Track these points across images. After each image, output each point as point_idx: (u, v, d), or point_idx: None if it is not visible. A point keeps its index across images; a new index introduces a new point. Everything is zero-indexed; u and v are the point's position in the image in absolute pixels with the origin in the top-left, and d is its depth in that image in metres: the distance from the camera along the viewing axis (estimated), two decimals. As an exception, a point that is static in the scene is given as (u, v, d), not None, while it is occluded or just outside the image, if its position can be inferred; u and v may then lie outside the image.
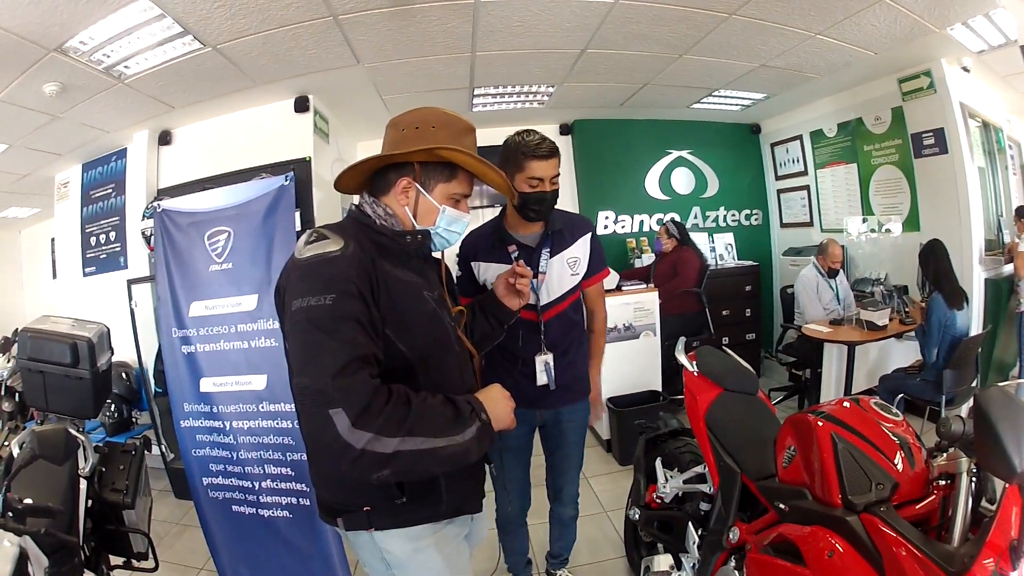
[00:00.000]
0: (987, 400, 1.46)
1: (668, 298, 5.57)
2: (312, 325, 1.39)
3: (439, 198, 1.71)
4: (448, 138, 1.66)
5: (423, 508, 1.65)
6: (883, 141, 6.23)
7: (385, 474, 1.35)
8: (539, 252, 2.62)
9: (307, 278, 1.46)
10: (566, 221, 2.72)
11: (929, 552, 1.49)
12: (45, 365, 2.66)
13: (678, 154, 7.83)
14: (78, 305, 5.75)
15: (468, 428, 1.47)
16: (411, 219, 1.71)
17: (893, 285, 5.89)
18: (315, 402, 1.33)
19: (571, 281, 2.69)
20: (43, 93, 4.03)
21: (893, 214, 6.22)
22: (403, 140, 1.67)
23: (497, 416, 1.57)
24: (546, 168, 2.45)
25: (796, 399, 6.15)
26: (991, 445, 1.42)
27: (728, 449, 2.50)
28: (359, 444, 1.30)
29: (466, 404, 1.51)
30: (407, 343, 1.56)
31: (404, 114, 1.74)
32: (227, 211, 3.53)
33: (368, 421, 1.31)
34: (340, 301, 1.40)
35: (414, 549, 1.66)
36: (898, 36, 4.68)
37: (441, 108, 1.74)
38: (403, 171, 1.68)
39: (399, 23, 3.87)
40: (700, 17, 4.18)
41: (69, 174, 6.08)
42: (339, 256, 1.47)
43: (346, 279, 1.44)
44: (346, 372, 1.33)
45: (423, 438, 1.38)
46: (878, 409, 2.00)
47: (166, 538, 4.19)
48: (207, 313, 3.44)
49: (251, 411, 3.33)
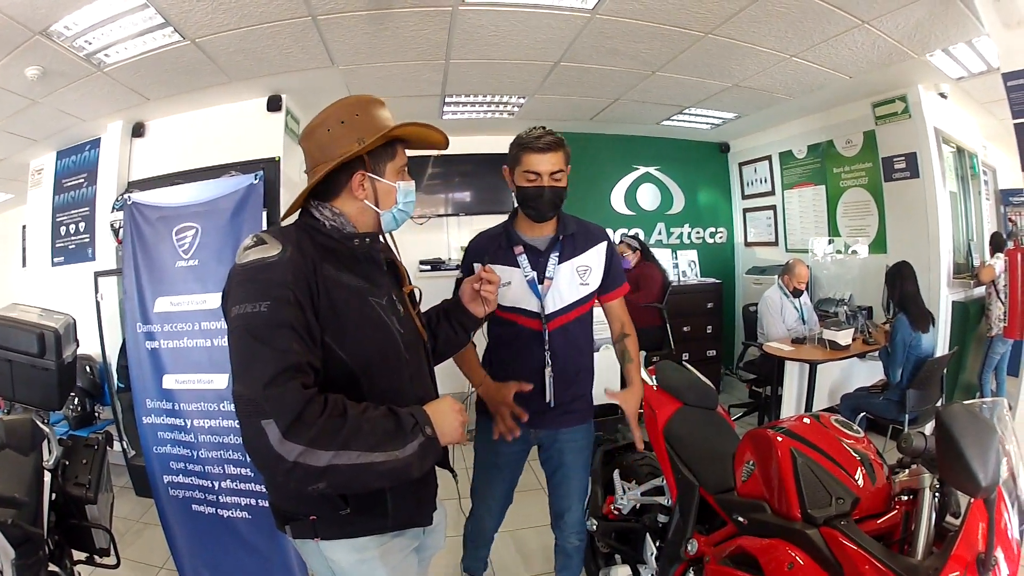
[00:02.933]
0: (950, 416, 1.45)
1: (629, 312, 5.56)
2: (247, 333, 1.36)
3: (391, 177, 1.69)
4: (375, 119, 1.64)
5: (368, 520, 1.61)
6: (853, 164, 6.31)
7: (321, 487, 1.33)
8: (547, 256, 2.49)
9: (244, 284, 1.43)
10: (581, 227, 2.57)
11: (892, 565, 1.50)
12: (12, 354, 2.62)
13: (645, 170, 7.94)
14: (45, 295, 5.64)
15: (409, 443, 1.42)
16: (374, 209, 1.67)
17: (857, 306, 5.95)
18: (248, 412, 1.30)
19: (580, 291, 2.54)
20: (25, 76, 4.00)
21: (860, 236, 6.31)
22: (333, 140, 1.61)
23: (444, 430, 1.52)
24: (543, 162, 2.33)
25: (756, 416, 6.19)
26: (955, 461, 1.40)
27: (686, 462, 2.51)
28: (290, 456, 1.28)
29: (409, 417, 1.46)
30: (349, 351, 1.52)
31: (315, 120, 1.67)
32: (195, 207, 3.51)
33: (299, 433, 1.28)
34: (275, 308, 1.38)
35: (359, 560, 1.62)
36: (875, 61, 4.75)
37: (342, 99, 1.69)
38: (352, 168, 1.63)
39: (376, 27, 3.89)
40: (675, 35, 4.23)
41: (44, 161, 6.00)
42: (276, 261, 1.44)
43: (282, 285, 1.41)
44: (277, 382, 1.30)
45: (358, 452, 1.34)
46: (838, 426, 2.01)
47: (127, 535, 4.13)
48: (172, 309, 3.41)
49: (212, 410, 3.30)
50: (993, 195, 7.18)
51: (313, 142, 1.66)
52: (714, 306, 7.53)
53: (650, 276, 6.12)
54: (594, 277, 2.57)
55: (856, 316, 5.56)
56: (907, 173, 5.64)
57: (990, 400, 1.71)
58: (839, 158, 6.47)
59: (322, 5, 3.54)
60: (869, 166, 6.10)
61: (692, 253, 8.00)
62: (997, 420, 1.58)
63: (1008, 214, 7.27)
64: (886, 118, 5.72)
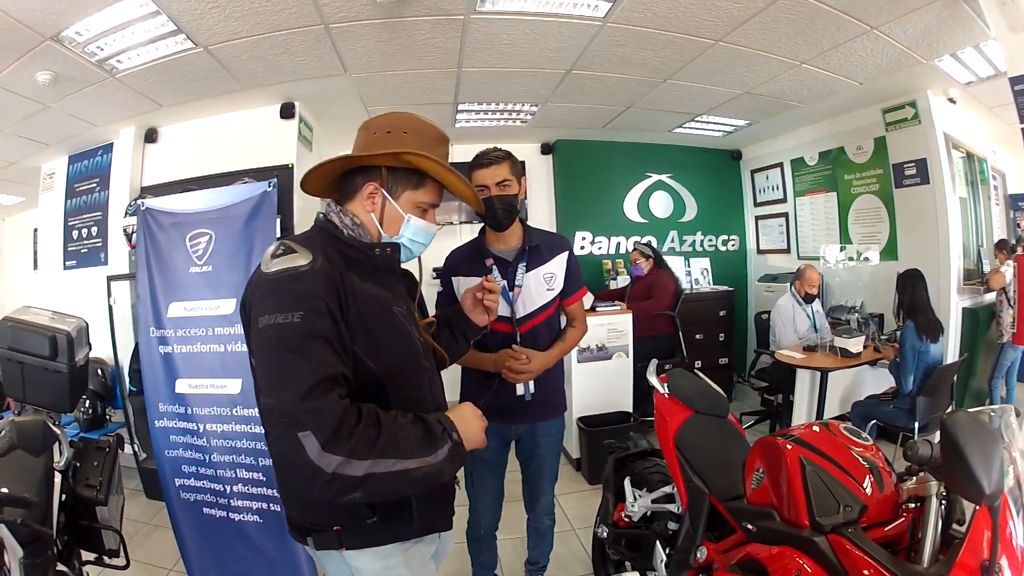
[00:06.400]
0: (954, 425, 1.45)
1: (642, 320, 5.59)
2: (280, 344, 1.34)
3: (405, 206, 1.65)
4: (419, 145, 1.61)
5: (394, 527, 1.60)
6: (864, 170, 6.30)
7: (356, 496, 1.32)
8: (516, 266, 2.66)
9: (274, 294, 1.41)
10: (543, 238, 2.77)
11: (898, 572, 1.50)
12: (24, 356, 2.64)
13: (658, 177, 7.92)
14: (57, 298, 5.68)
15: (440, 448, 1.43)
16: (377, 226, 1.65)
17: (869, 313, 5.94)
18: (283, 425, 1.29)
19: (547, 296, 2.71)
20: (36, 81, 4.03)
21: (871, 243, 6.28)
22: (373, 143, 1.62)
23: (468, 435, 1.53)
24: (486, 175, 2.51)
25: (768, 424, 6.17)
26: (960, 469, 1.42)
27: (697, 470, 2.52)
28: (330, 468, 1.27)
29: (437, 424, 1.47)
30: (376, 360, 1.51)
31: (378, 117, 1.69)
32: (209, 214, 3.55)
33: (338, 444, 1.27)
34: (308, 319, 1.36)
35: (384, 567, 1.62)
36: (884, 67, 4.75)
37: (417, 115, 1.69)
38: (370, 176, 1.63)
39: (389, 35, 3.90)
40: (686, 43, 4.24)
41: (55, 165, 6.06)
42: (307, 271, 1.42)
43: (314, 295, 1.39)
44: (315, 394, 1.29)
45: (395, 460, 1.34)
46: (847, 434, 2.02)
47: (136, 537, 4.15)
48: (185, 314, 3.45)
49: (225, 415, 3.34)
50: (1003, 200, 7.17)
51: (360, 138, 1.69)
52: (726, 314, 7.50)
53: (663, 284, 6.12)
54: (558, 283, 2.76)
55: (867, 323, 5.55)
56: (917, 179, 5.63)
57: (998, 407, 1.71)
58: (850, 165, 6.46)
59: (334, 13, 3.55)
60: (880, 172, 6.09)
61: (704, 261, 7.99)
62: (1005, 427, 1.58)
63: (1017, 219, 7.27)
64: (896, 124, 5.71)
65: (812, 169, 7.12)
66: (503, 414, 2.66)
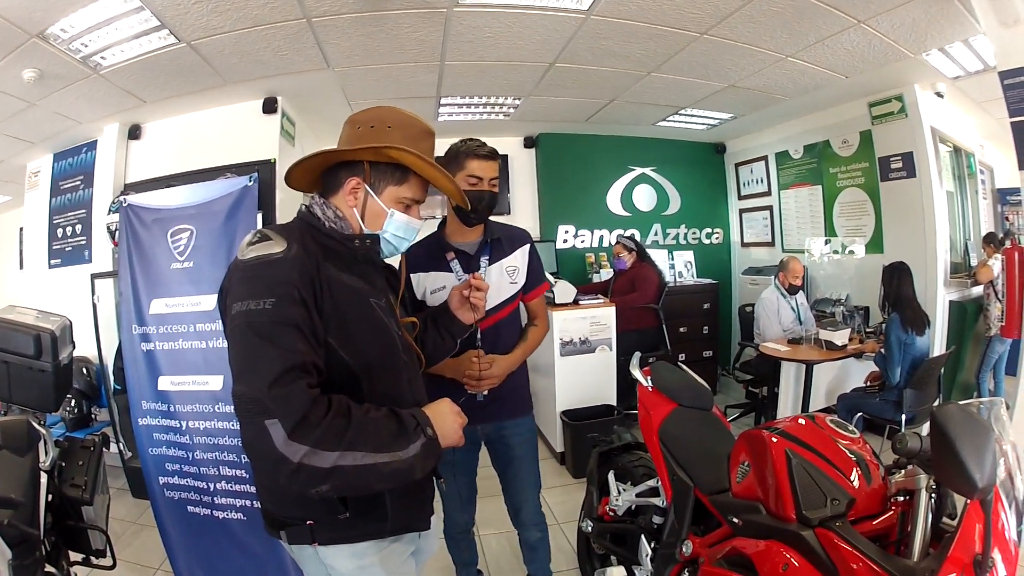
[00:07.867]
0: (945, 417, 1.44)
1: (625, 313, 5.59)
2: (250, 330, 1.33)
3: (388, 201, 1.64)
4: (403, 139, 1.59)
5: (368, 524, 1.58)
6: (849, 164, 6.31)
7: (324, 489, 1.30)
8: (478, 259, 2.62)
9: (248, 280, 1.40)
10: (504, 232, 2.73)
11: (888, 566, 1.49)
12: (9, 355, 2.62)
13: (641, 171, 7.92)
14: (42, 297, 5.65)
15: (412, 444, 1.40)
16: (359, 221, 1.64)
17: (854, 306, 5.97)
18: (250, 411, 1.27)
19: (509, 290, 2.67)
20: (22, 79, 4.00)
21: (857, 236, 6.31)
22: (357, 138, 1.61)
23: (444, 432, 1.51)
24: (485, 168, 2.48)
25: (752, 416, 6.19)
26: (951, 462, 1.40)
27: (681, 463, 2.51)
28: (295, 457, 1.25)
29: (411, 418, 1.45)
30: (350, 351, 1.50)
31: (364, 111, 1.68)
32: (190, 209, 3.53)
33: (305, 433, 1.26)
34: (280, 305, 1.35)
35: (359, 567, 1.59)
36: (871, 60, 4.75)
37: (403, 109, 1.68)
38: (353, 170, 1.62)
39: (371, 28, 3.88)
40: (671, 36, 4.22)
41: (40, 163, 6.00)
42: (281, 258, 1.41)
43: (287, 282, 1.38)
44: (283, 381, 1.27)
45: (363, 453, 1.32)
46: (834, 426, 2.03)
47: (123, 536, 4.14)
48: (167, 311, 3.43)
49: (207, 411, 3.32)
50: (990, 194, 7.20)
51: (345, 132, 1.68)
52: (710, 307, 7.52)
53: (646, 277, 6.12)
54: (521, 276, 2.72)
55: (853, 316, 5.57)
56: (904, 173, 5.63)
57: (987, 400, 1.70)
58: (835, 158, 6.47)
59: (316, 7, 3.53)
60: (865, 166, 6.09)
61: (688, 254, 8.01)
62: (994, 420, 1.58)
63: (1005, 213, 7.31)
64: (882, 118, 5.72)
65: (797, 162, 7.13)
66: (467, 414, 2.60)
